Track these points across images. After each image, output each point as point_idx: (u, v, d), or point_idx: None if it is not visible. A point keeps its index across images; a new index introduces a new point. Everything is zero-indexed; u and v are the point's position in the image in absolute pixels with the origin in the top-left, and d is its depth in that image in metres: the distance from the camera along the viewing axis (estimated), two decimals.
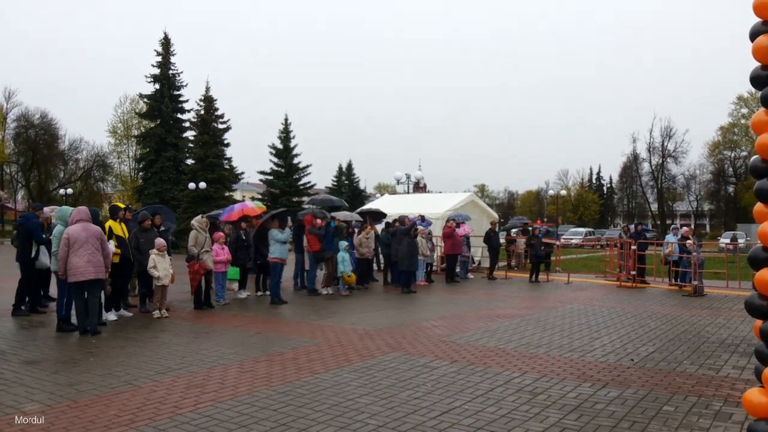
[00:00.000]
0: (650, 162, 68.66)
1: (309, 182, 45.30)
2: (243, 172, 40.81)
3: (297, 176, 44.42)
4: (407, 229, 15.00)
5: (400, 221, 15.64)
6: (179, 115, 40.53)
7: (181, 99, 40.68)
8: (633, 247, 16.69)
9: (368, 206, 23.51)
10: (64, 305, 9.31)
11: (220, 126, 37.43)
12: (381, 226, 18.51)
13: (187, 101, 40.72)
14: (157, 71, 40.22)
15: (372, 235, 16.28)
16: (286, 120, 44.73)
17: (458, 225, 17.71)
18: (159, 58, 40.26)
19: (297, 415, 5.20)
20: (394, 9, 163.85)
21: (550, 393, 5.97)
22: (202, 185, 33.59)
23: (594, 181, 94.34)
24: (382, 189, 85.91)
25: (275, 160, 44.58)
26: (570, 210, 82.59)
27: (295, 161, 44.42)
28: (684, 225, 35.91)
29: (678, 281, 16.17)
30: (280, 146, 44.41)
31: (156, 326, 9.71)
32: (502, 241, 22.76)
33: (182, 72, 40.84)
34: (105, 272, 9.12)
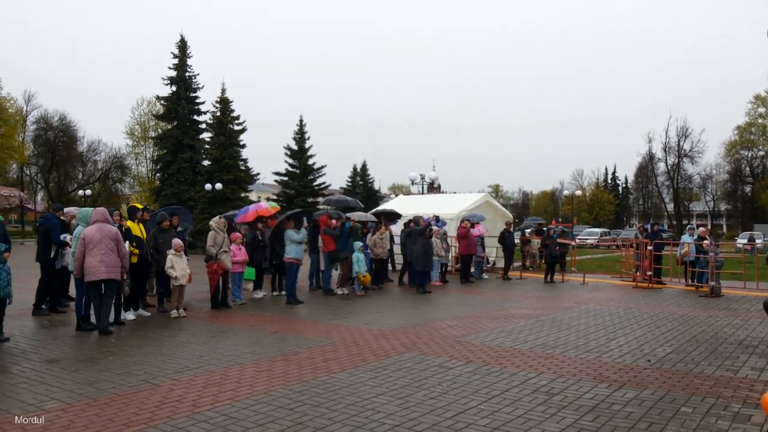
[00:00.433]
0: (666, 162, 68.33)
1: (324, 183, 45.46)
2: (258, 173, 41.04)
3: (312, 177, 44.60)
4: (422, 230, 15.00)
5: (415, 222, 15.66)
6: (195, 117, 40.83)
7: (198, 101, 41.00)
8: (649, 248, 16.57)
9: (383, 207, 23.55)
10: (83, 305, 9.42)
11: (236, 127, 37.66)
12: (396, 227, 18.54)
13: (203, 103, 41.10)
14: (174, 73, 40.59)
15: (387, 236, 16.29)
16: (301, 121, 44.99)
17: (473, 225, 17.68)
18: (176, 61, 40.61)
19: (313, 414, 5.23)
20: (410, 6, 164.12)
21: (567, 394, 5.96)
22: (219, 186, 33.79)
23: (609, 181, 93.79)
24: (397, 189, 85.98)
25: (290, 161, 44.79)
26: (585, 210, 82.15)
27: (310, 162, 44.60)
28: (700, 225, 35.51)
29: (695, 282, 16.04)
30: (295, 147, 44.62)
31: (174, 326, 9.80)
32: (517, 242, 22.67)
33: (198, 74, 41.25)
34: (121, 272, 9.12)
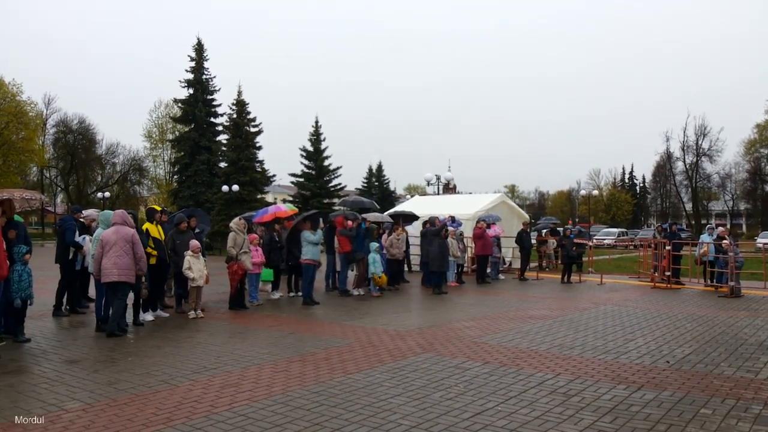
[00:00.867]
0: (684, 161, 67.38)
1: (339, 184, 45.51)
2: (274, 175, 41.28)
3: (327, 178, 44.67)
4: (438, 230, 14.98)
5: (431, 222, 15.65)
6: (212, 119, 41.16)
7: (214, 103, 41.36)
8: (668, 248, 16.41)
9: (400, 208, 23.56)
10: (102, 306, 9.51)
11: (252, 129, 37.95)
12: (412, 228, 18.52)
13: (220, 105, 41.48)
14: (191, 76, 40.96)
15: (403, 237, 16.30)
16: (317, 122, 45.07)
17: (489, 226, 17.63)
18: (192, 63, 41.01)
19: (330, 415, 5.25)
20: (427, 3, 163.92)
21: (585, 395, 5.91)
22: (235, 188, 34.01)
23: (627, 181, 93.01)
24: (412, 190, 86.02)
25: (306, 162, 44.87)
26: (602, 210, 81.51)
27: (326, 163, 44.67)
28: (719, 225, 35.13)
29: (714, 282, 15.85)
30: (311, 148, 44.69)
31: (192, 326, 9.86)
32: (534, 242, 22.56)
33: (215, 76, 41.58)
34: (135, 275, 9.05)
